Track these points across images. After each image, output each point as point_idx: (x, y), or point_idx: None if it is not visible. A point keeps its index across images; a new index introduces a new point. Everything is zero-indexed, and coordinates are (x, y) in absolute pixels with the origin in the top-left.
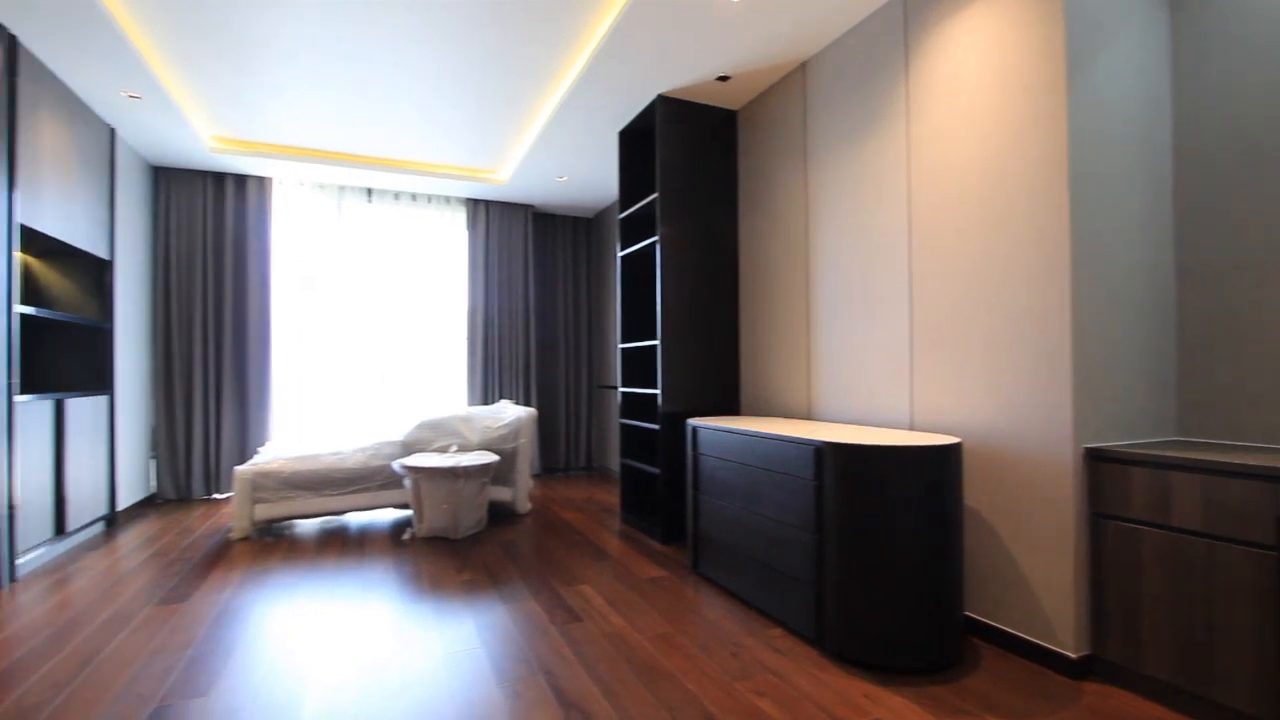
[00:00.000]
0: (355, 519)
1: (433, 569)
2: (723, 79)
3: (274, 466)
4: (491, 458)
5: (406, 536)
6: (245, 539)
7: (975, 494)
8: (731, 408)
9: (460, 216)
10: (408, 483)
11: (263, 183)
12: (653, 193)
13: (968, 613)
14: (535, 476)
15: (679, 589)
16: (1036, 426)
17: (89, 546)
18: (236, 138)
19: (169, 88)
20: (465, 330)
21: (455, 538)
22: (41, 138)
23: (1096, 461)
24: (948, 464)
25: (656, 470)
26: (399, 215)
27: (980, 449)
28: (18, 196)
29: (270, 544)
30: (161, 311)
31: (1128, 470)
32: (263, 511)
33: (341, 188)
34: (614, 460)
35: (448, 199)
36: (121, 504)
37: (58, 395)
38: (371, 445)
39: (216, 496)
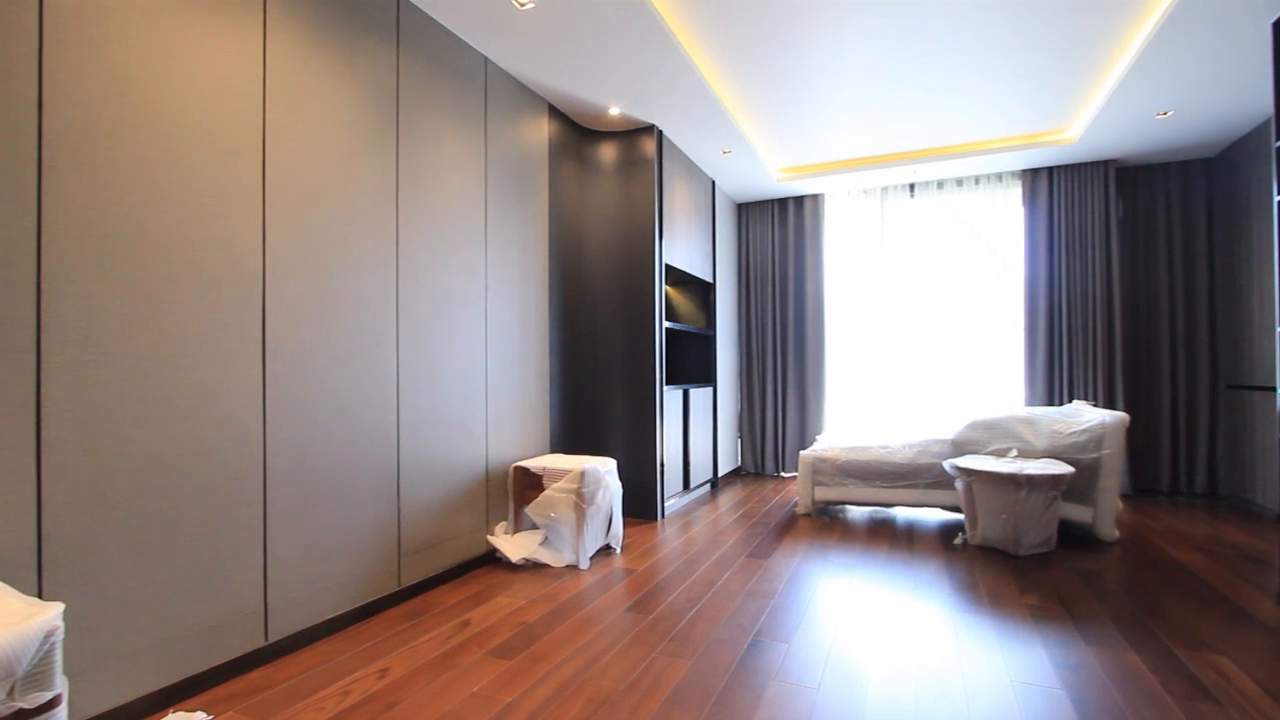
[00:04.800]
0: (902, 513)
1: (990, 582)
2: None
3: (830, 454)
4: (1064, 468)
5: (958, 542)
6: (807, 515)
7: None
8: None
9: (1014, 192)
10: (959, 484)
11: (816, 199)
12: None
13: None
14: (1123, 498)
15: None
16: None
17: (701, 501)
18: (797, 165)
19: (750, 139)
20: (1023, 320)
21: (1015, 553)
22: (674, 198)
23: None
24: None
25: None
26: (942, 204)
27: None
28: (663, 244)
29: (827, 523)
30: (744, 320)
31: None
32: (821, 493)
33: (884, 188)
34: (1263, 491)
35: (999, 176)
36: (721, 472)
37: (684, 386)
38: (919, 442)
39: (783, 475)
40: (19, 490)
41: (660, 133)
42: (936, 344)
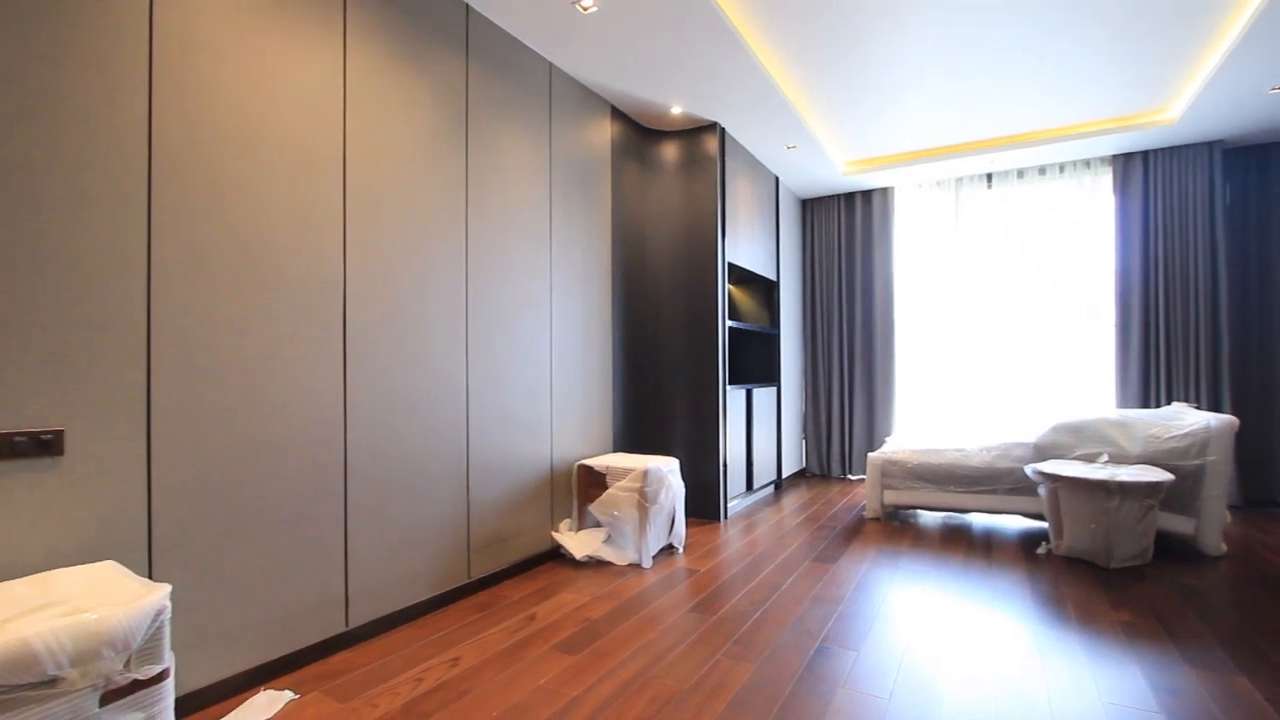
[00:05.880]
0: (978, 520)
1: (1078, 595)
2: None
3: (901, 457)
4: (1163, 475)
5: (1042, 551)
6: (875, 519)
7: None
8: None
9: (1103, 179)
10: (1042, 491)
11: (885, 193)
12: None
13: None
14: (1231, 509)
15: None
16: None
17: (765, 503)
18: (864, 158)
19: (815, 133)
20: (1114, 316)
21: (1106, 566)
22: (737, 195)
23: None
24: None
25: None
26: (1023, 194)
27: None
28: (726, 243)
29: (898, 528)
30: (809, 318)
31: None
32: (890, 497)
33: (959, 179)
34: None
35: (1087, 162)
36: (785, 473)
37: (748, 386)
38: (998, 445)
39: (849, 477)
40: (132, 480)
41: (723, 130)
42: (1016, 342)
